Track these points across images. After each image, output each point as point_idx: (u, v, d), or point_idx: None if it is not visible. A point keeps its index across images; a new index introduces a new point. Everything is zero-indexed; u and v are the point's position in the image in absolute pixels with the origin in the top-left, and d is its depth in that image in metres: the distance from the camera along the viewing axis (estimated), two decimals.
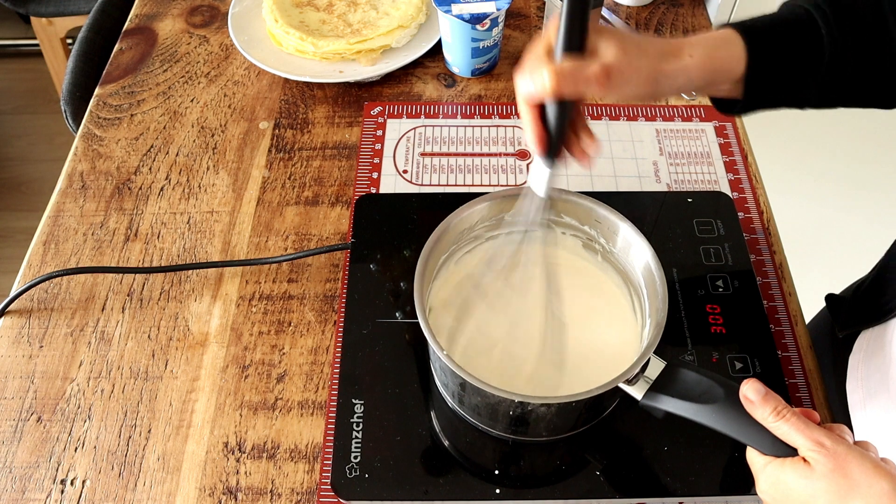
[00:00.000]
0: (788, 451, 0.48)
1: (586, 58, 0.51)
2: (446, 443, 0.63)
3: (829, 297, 0.80)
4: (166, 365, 0.68)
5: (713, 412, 0.51)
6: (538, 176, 0.56)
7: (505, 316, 0.65)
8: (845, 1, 0.56)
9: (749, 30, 0.56)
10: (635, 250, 0.63)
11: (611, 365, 0.58)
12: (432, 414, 0.65)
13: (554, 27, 0.50)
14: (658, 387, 0.54)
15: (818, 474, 0.45)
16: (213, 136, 0.86)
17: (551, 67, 0.49)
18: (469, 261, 0.69)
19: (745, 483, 0.60)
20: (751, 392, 0.49)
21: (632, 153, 0.83)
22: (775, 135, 1.14)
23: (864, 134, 1.19)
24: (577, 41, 0.50)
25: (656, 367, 0.55)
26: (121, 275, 0.74)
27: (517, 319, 0.66)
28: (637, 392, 0.55)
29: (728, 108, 0.60)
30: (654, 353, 0.55)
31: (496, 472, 0.61)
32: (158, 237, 0.77)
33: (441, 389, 0.65)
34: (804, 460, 0.47)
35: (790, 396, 0.65)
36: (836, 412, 0.69)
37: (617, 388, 0.55)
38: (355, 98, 0.90)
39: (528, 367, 0.63)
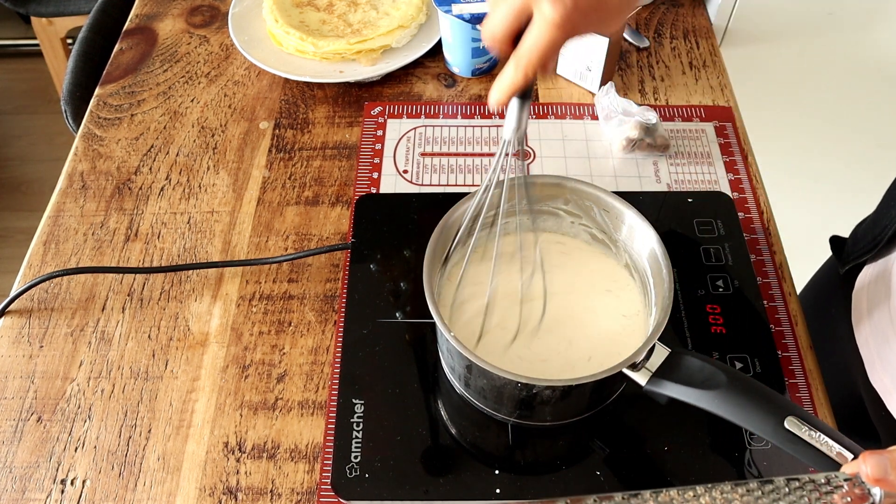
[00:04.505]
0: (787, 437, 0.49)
1: None
2: (451, 430, 0.64)
3: (833, 239, 0.81)
4: (166, 365, 0.68)
5: (715, 398, 0.52)
6: (511, 113, 0.56)
7: (513, 303, 0.66)
8: None
9: None
10: (640, 237, 0.63)
11: (617, 352, 0.58)
12: (438, 400, 0.65)
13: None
14: (662, 373, 0.55)
15: None
16: (213, 136, 0.86)
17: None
18: (481, 246, 0.69)
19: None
20: (875, 469, 0.44)
21: (632, 153, 0.83)
22: (775, 135, 1.14)
23: (865, 134, 1.19)
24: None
25: (661, 353, 0.56)
26: (121, 275, 0.74)
27: (524, 306, 0.66)
28: (641, 378, 0.55)
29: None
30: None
31: (496, 471, 0.61)
32: (158, 237, 0.77)
33: (448, 373, 0.65)
34: None
35: (790, 396, 0.66)
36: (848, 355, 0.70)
37: (621, 374, 0.55)
38: (355, 98, 0.90)
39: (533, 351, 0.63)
